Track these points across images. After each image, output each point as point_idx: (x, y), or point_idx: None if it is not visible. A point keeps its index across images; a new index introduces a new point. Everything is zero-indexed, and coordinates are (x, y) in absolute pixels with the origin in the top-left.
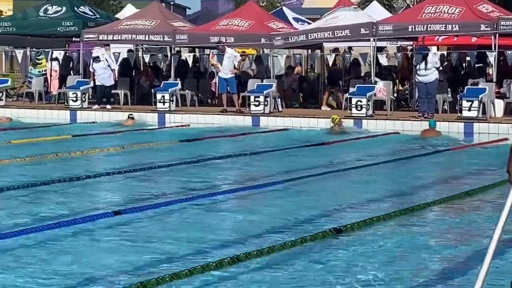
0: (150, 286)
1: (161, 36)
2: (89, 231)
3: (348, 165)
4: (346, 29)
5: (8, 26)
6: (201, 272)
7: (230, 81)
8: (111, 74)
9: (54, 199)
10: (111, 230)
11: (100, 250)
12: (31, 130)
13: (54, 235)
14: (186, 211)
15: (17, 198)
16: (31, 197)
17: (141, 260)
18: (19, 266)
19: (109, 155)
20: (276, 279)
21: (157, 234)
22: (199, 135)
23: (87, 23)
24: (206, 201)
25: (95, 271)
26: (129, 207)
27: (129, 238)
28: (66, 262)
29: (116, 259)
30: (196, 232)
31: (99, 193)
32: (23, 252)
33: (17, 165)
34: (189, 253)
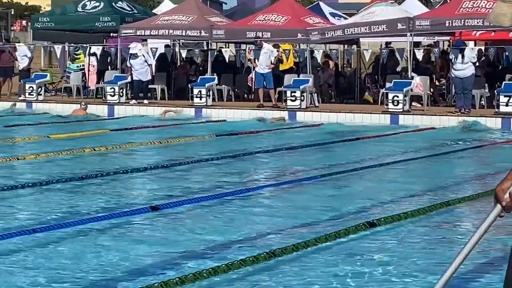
0: (188, 281)
1: (198, 31)
2: (127, 226)
3: (383, 160)
4: (383, 24)
5: (47, 21)
6: (237, 267)
7: (267, 76)
8: (148, 69)
9: (92, 194)
10: (149, 225)
11: (137, 245)
12: (69, 125)
13: (91, 229)
14: (223, 206)
15: (56, 192)
16: (70, 192)
17: (178, 254)
18: (59, 259)
19: (146, 150)
20: (311, 272)
21: (194, 229)
22: (236, 130)
23: (124, 19)
24: (242, 196)
25: (132, 265)
26: (166, 202)
27: (166, 233)
28: (104, 256)
29: (154, 253)
30: (232, 226)
31: (136, 187)
32: (62, 245)
33: (55, 159)
34: (226, 247)
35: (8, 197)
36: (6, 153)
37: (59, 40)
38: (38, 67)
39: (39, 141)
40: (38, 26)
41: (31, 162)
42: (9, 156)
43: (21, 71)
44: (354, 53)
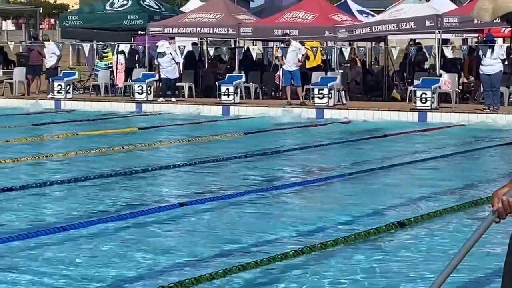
0: (218, 277)
1: (226, 29)
2: (155, 222)
3: (412, 158)
4: (411, 22)
5: (75, 19)
6: (267, 264)
7: (295, 74)
8: (175, 67)
9: (121, 191)
10: (177, 221)
11: (165, 241)
12: (97, 123)
13: (120, 226)
14: (251, 203)
15: (85, 189)
16: (99, 189)
17: (207, 251)
18: (88, 256)
19: (174, 147)
20: (340, 271)
21: (222, 225)
22: (264, 127)
23: (152, 17)
24: (269, 194)
25: (163, 261)
26: (195, 199)
27: (194, 230)
28: (132, 252)
29: (182, 250)
30: (260, 224)
31: (165, 184)
32: (91, 241)
33: (84, 157)
34: (254, 245)
35: (37, 194)
36: (35, 151)
37: (87, 38)
38: (66, 65)
39: (68, 139)
40: (67, 25)
41: (59, 160)
42: (38, 154)
43: (48, 69)
44: (382, 51)
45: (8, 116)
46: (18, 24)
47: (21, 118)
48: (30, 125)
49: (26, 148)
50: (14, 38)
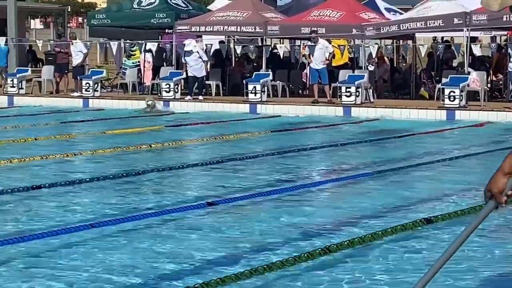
0: (244, 277)
1: (253, 27)
2: (183, 221)
3: (440, 156)
4: (439, 19)
5: (103, 18)
6: (292, 264)
7: (322, 72)
8: (202, 65)
9: (148, 189)
10: (205, 220)
11: (193, 240)
12: (124, 121)
13: (148, 224)
14: (278, 202)
15: (112, 188)
16: (126, 187)
17: (234, 250)
18: (116, 254)
19: (201, 145)
20: (368, 268)
21: (250, 224)
22: (291, 125)
23: (179, 15)
24: (297, 192)
25: (190, 260)
26: (223, 197)
27: (222, 229)
28: (160, 251)
29: (210, 249)
30: (287, 222)
31: (192, 183)
32: (119, 240)
33: (111, 155)
34: (280, 244)
35: (66, 192)
36: (63, 149)
37: (115, 36)
38: (94, 63)
39: (96, 137)
40: (94, 23)
41: (88, 158)
42: (66, 152)
43: (75, 67)
44: (409, 48)
45: (37, 114)
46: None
47: (50, 116)
48: (59, 123)
49: (55, 146)
50: (42, 37)
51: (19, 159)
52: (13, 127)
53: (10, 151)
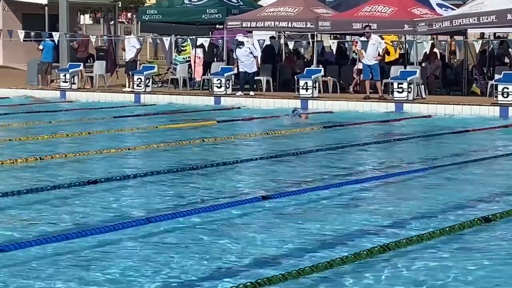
0: (305, 274)
1: (304, 23)
2: (239, 215)
3: (493, 152)
4: (492, 15)
5: (154, 13)
6: (352, 261)
7: (374, 68)
8: (253, 61)
9: (203, 184)
10: (260, 214)
11: (249, 234)
12: (177, 116)
13: (203, 219)
14: (331, 197)
15: (167, 182)
16: (180, 182)
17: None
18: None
19: (254, 141)
20: (426, 266)
21: (305, 219)
22: (343, 121)
23: (231, 11)
24: (349, 188)
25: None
26: (277, 192)
27: (278, 222)
28: (216, 245)
29: (266, 242)
30: (343, 218)
31: (245, 177)
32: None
33: (164, 150)
34: (336, 240)
35: (120, 186)
36: (116, 144)
37: (166, 32)
38: (144, 59)
39: (148, 132)
40: (146, 19)
41: (141, 153)
42: (120, 147)
43: (127, 62)
44: (461, 44)
45: (89, 109)
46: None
47: (103, 111)
48: (111, 117)
49: (108, 140)
50: (92, 32)
51: (73, 153)
52: (67, 121)
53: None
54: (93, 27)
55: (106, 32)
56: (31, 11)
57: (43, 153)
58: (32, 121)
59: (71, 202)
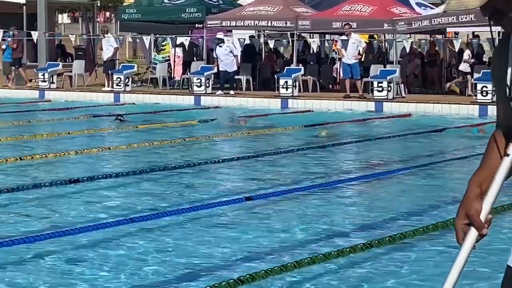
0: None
1: (284, 22)
2: (222, 216)
3: (471, 151)
4: (471, 14)
5: (133, 13)
6: (335, 257)
7: (354, 67)
8: (233, 60)
9: (184, 184)
10: (243, 215)
11: (232, 235)
12: (156, 115)
13: (186, 219)
14: (313, 197)
15: (149, 182)
16: (162, 182)
17: (275, 244)
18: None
19: (233, 140)
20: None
21: (288, 219)
22: (323, 120)
23: (210, 10)
24: (331, 187)
25: (231, 254)
26: (260, 193)
27: (260, 223)
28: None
29: (248, 243)
30: (325, 218)
31: (228, 178)
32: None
33: (145, 149)
34: (321, 238)
35: (101, 186)
36: (96, 143)
37: (145, 31)
38: (123, 58)
39: (129, 132)
40: (125, 18)
41: (122, 152)
42: (100, 146)
43: (105, 61)
44: (441, 43)
45: (68, 109)
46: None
47: (81, 110)
48: (91, 116)
49: (88, 140)
50: (70, 32)
51: (54, 154)
52: (46, 121)
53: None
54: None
55: (84, 31)
56: (8, 10)
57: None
58: (11, 121)
59: (51, 202)
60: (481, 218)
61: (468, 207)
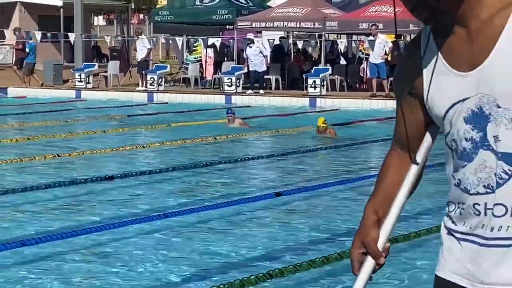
0: (316, 266)
1: (312, 23)
2: (252, 211)
3: None
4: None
5: (166, 15)
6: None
7: (380, 67)
8: (263, 60)
9: (216, 180)
10: (273, 210)
11: (262, 230)
12: (188, 114)
13: (216, 215)
14: (342, 194)
15: (180, 179)
16: (193, 179)
17: (301, 239)
18: (185, 245)
19: (263, 138)
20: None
21: (316, 214)
22: (349, 119)
23: (240, 11)
24: (361, 184)
25: (260, 249)
26: (289, 188)
27: (289, 219)
28: (228, 241)
29: (278, 238)
30: (352, 213)
31: (258, 174)
32: (187, 230)
33: (177, 147)
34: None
35: (136, 182)
36: (131, 141)
37: (177, 32)
38: (156, 59)
39: (162, 130)
40: (158, 20)
41: (155, 150)
42: (134, 144)
43: (139, 62)
44: None
45: (104, 108)
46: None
47: (116, 109)
48: (126, 116)
49: (122, 138)
50: (106, 33)
51: (90, 151)
52: (82, 120)
53: (81, 143)
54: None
55: (119, 33)
56: (46, 12)
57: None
58: (49, 120)
59: (88, 198)
60: (379, 246)
61: (364, 235)
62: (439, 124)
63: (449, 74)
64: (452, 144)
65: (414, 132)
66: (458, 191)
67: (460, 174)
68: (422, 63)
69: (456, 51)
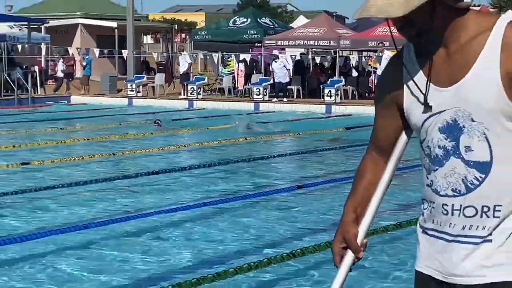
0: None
1: (328, 41)
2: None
3: None
4: None
5: (204, 34)
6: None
7: None
8: (286, 73)
9: (245, 175)
10: (295, 202)
11: (282, 220)
12: (223, 118)
13: (244, 206)
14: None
15: (213, 174)
16: (224, 174)
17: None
18: (216, 231)
19: (285, 139)
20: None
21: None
22: (361, 123)
23: (267, 31)
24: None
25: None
26: (310, 182)
27: (309, 206)
28: (251, 229)
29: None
30: None
31: (282, 170)
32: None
33: (212, 147)
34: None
35: (177, 177)
36: (174, 142)
37: (214, 49)
38: (196, 71)
39: (201, 132)
40: (197, 38)
41: (194, 149)
42: (178, 144)
43: (182, 74)
44: None
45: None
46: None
47: (162, 115)
48: (170, 120)
49: (167, 139)
50: (153, 50)
51: (140, 150)
52: (134, 123)
53: (132, 143)
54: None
55: (164, 50)
56: (104, 32)
57: (115, 150)
58: (104, 124)
59: (138, 190)
60: (358, 242)
61: (345, 231)
62: (415, 131)
63: (429, 88)
64: (426, 150)
65: (391, 137)
66: (430, 191)
67: (432, 177)
68: (403, 76)
69: (436, 68)
